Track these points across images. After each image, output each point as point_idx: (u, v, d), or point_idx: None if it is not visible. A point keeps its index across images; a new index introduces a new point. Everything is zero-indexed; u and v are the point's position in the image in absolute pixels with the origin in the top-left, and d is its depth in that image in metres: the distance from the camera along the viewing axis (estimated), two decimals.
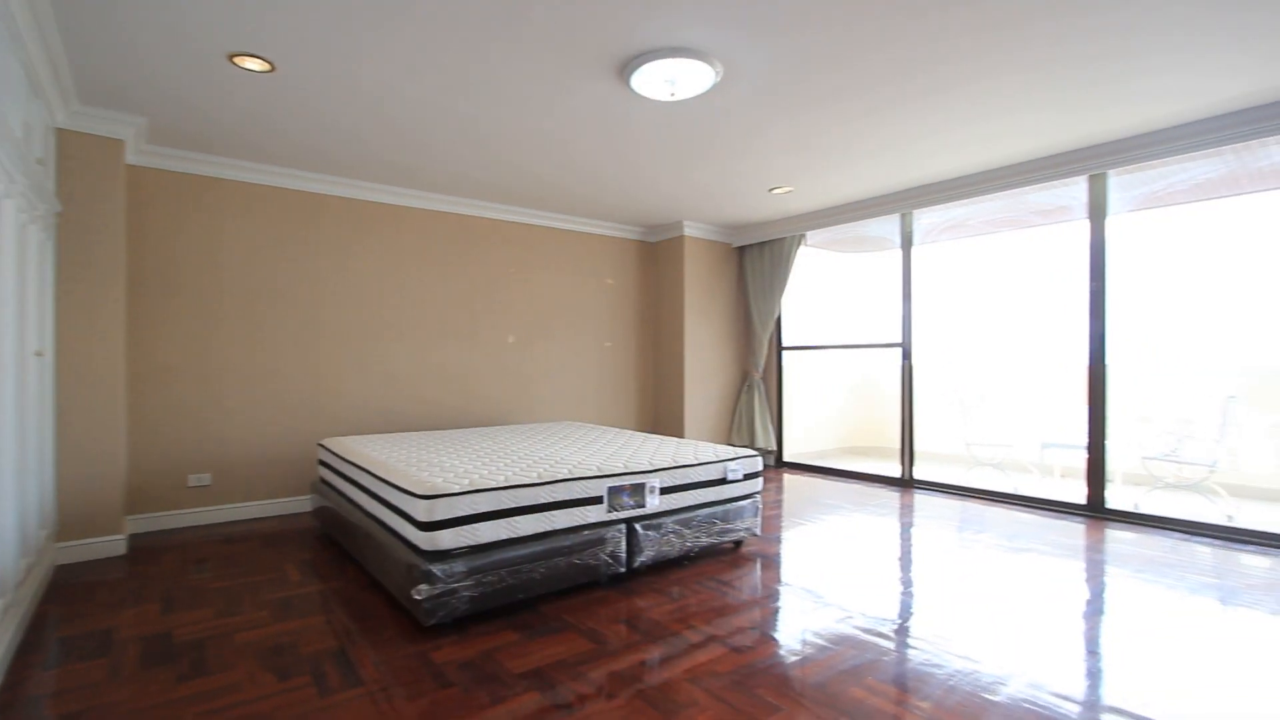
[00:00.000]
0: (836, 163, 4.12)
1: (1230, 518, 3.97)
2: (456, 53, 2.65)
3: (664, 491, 3.06)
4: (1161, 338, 5.41)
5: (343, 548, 3.41)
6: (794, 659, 2.17)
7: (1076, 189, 4.12)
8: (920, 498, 4.72)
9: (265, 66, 2.75)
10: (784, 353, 6.19)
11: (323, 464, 3.76)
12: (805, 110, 3.26)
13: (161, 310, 3.86)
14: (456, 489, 2.45)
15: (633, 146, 3.78)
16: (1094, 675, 2.07)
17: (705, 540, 3.19)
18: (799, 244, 5.72)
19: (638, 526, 2.93)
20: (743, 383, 6.28)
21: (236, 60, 2.69)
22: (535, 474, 2.74)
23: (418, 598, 2.31)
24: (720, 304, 6.20)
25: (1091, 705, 1.88)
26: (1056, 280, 5.81)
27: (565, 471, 2.82)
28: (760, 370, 6.10)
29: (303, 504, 4.34)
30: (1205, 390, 5.00)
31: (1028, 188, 4.23)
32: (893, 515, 4.21)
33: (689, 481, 3.16)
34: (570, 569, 2.70)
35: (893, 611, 2.60)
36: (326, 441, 3.75)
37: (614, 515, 2.86)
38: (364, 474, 3.02)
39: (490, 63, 2.73)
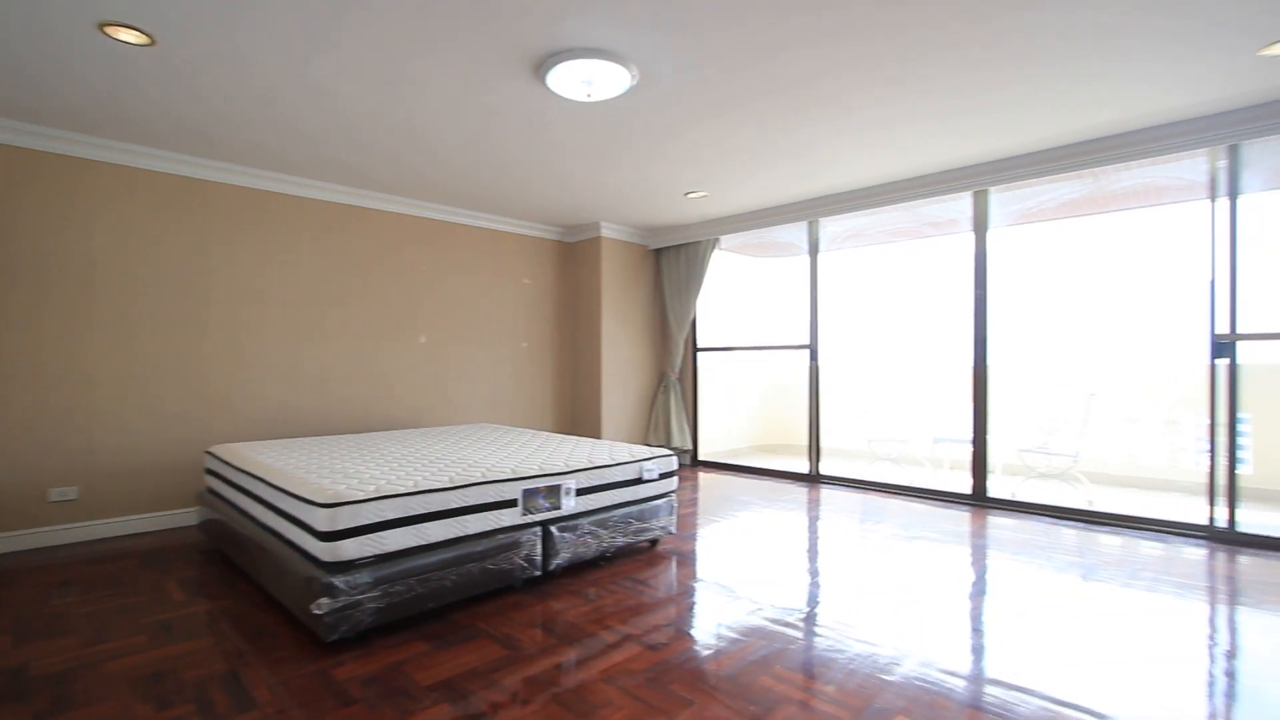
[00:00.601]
0: (747, 170, 4.26)
1: (1090, 502, 4.42)
2: (362, 38, 2.53)
3: (580, 492, 3.05)
4: (1035, 341, 5.97)
5: (234, 563, 3.17)
6: (707, 653, 2.23)
7: (963, 203, 4.47)
8: (826, 492, 4.96)
9: (143, 39, 2.51)
10: (699, 354, 6.33)
11: (211, 473, 3.48)
12: (716, 117, 3.35)
13: (27, 304, 3.44)
14: (361, 495, 2.34)
15: (550, 146, 3.75)
16: (977, 651, 2.25)
17: (622, 540, 3.21)
18: (713, 248, 5.86)
19: (553, 529, 2.91)
20: (659, 383, 6.37)
21: (109, 30, 2.45)
22: (447, 478, 2.66)
23: (318, 612, 2.18)
24: (637, 305, 6.26)
25: (975, 679, 2.04)
26: (946, 287, 6.27)
27: (479, 475, 2.75)
28: (676, 371, 6.21)
29: (188, 517, 4.00)
30: (1071, 388, 5.55)
31: (920, 201, 4.55)
32: (801, 510, 4.40)
33: (605, 482, 3.17)
34: (484, 575, 2.64)
35: (800, 601, 2.72)
36: (215, 449, 3.47)
37: (529, 518, 2.82)
38: (258, 483, 2.82)
39: (400, 52, 2.63)
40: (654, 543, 3.55)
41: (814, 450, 5.41)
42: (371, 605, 2.29)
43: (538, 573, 2.85)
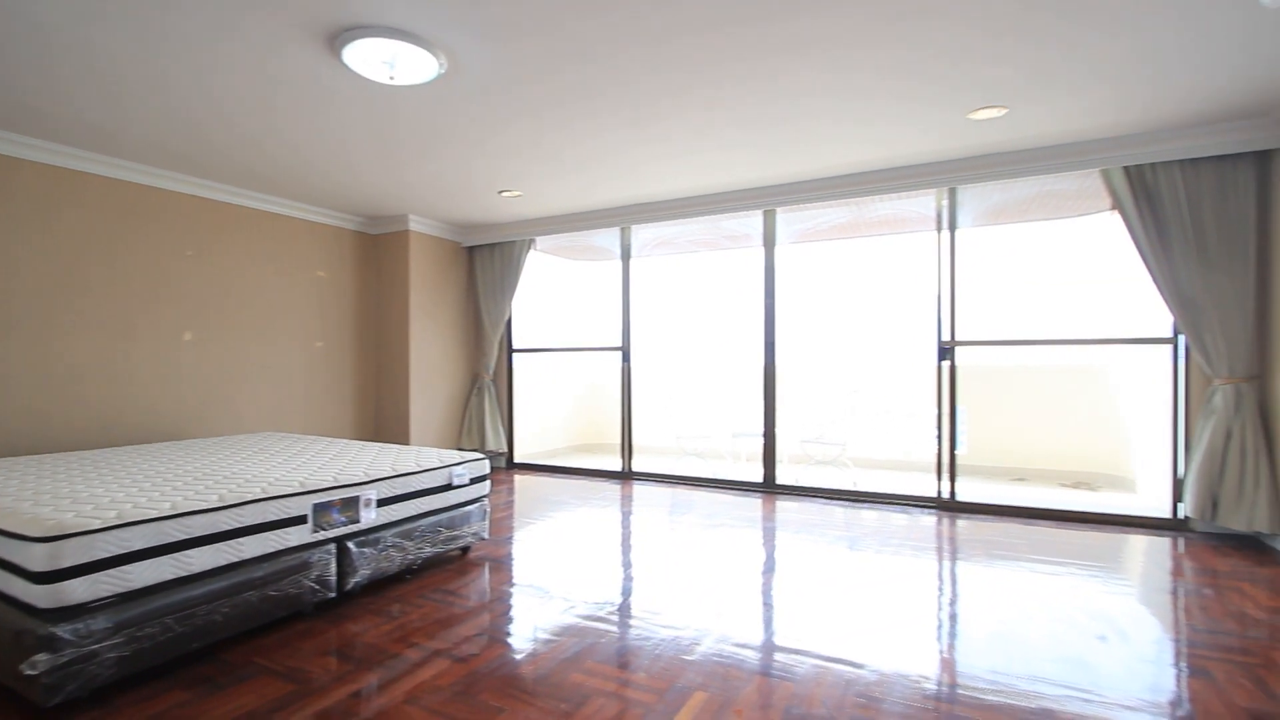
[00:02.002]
0: (561, 173, 4.30)
1: (855, 483, 5.15)
2: None
3: (382, 503, 2.84)
4: (815, 344, 6.81)
5: None
6: (520, 657, 2.20)
7: (755, 221, 4.96)
8: (639, 488, 5.18)
9: None
10: (515, 355, 6.24)
11: None
12: (531, 117, 3.33)
13: None
14: (97, 524, 1.94)
15: (348, 127, 3.44)
16: (765, 622, 2.50)
17: (430, 550, 3.05)
18: (529, 248, 5.82)
19: (351, 544, 2.67)
20: (473, 385, 6.16)
21: None
22: (216, 496, 2.31)
23: (32, 673, 1.76)
24: (449, 304, 5.99)
25: (763, 647, 2.27)
26: (743, 295, 6.89)
27: (259, 490, 2.43)
28: (491, 372, 6.06)
29: None
30: (840, 386, 6.42)
31: (719, 215, 4.95)
32: (614, 507, 4.54)
33: (411, 490, 2.99)
34: (265, 603, 2.34)
35: (613, 595, 2.80)
36: None
37: (321, 535, 2.56)
38: None
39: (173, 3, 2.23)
40: (466, 550, 3.42)
41: (627, 448, 5.62)
42: (112, 655, 1.91)
43: (332, 595, 2.59)
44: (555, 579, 3.01)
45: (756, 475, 5.13)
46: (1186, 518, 3.74)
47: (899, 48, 2.62)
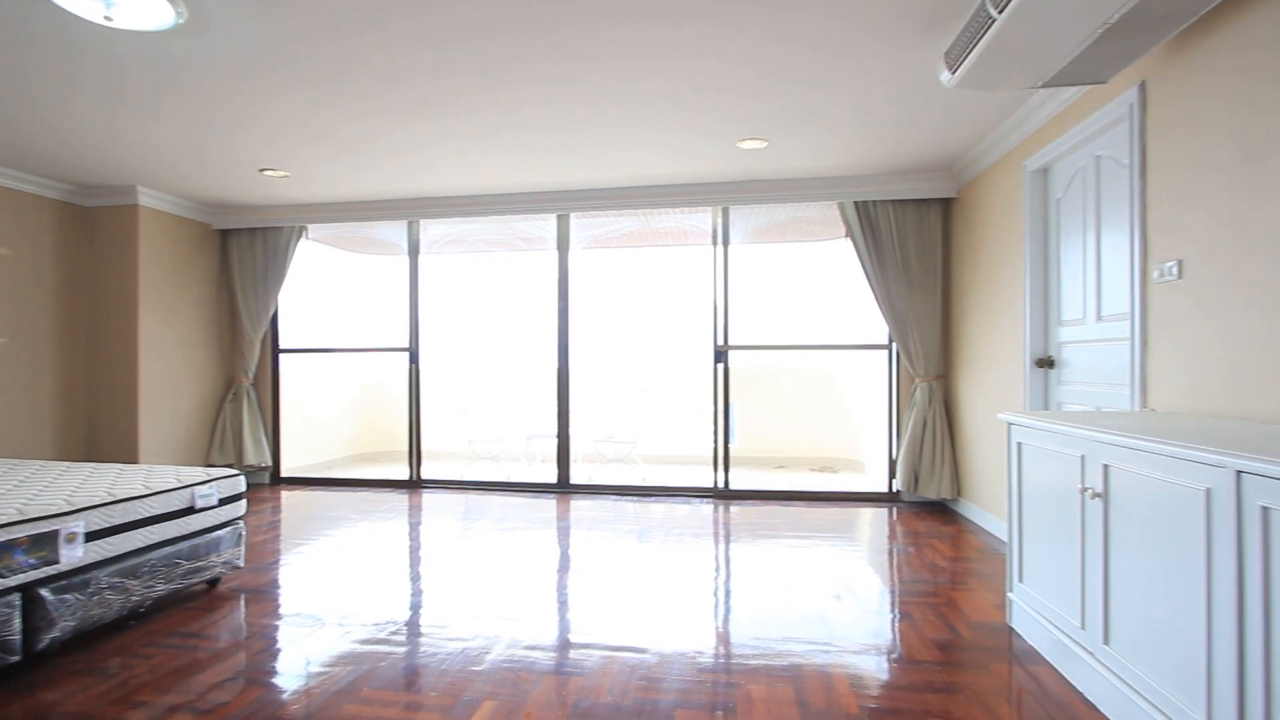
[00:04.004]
0: (339, 157, 3.92)
1: (644, 479, 5.46)
2: None
3: (94, 537, 2.33)
4: (609, 345, 7.07)
5: None
6: (285, 697, 1.96)
7: (549, 224, 5.01)
8: (428, 496, 4.91)
9: None
10: (282, 355, 5.52)
11: None
12: (302, 91, 2.99)
13: None
14: None
15: (45, 70, 2.76)
16: (561, 621, 2.54)
17: (164, 588, 2.57)
18: (299, 236, 5.21)
19: (45, 592, 2.15)
20: (228, 391, 5.33)
21: None
22: None
23: None
24: (196, 295, 5.11)
25: (555, 646, 2.30)
26: (538, 297, 6.91)
27: None
28: (251, 376, 5.29)
29: None
30: (631, 386, 6.76)
31: (513, 217, 4.92)
32: (401, 518, 4.26)
33: (137, 518, 2.49)
34: None
35: (398, 613, 2.62)
36: None
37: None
38: None
39: None
40: (214, 583, 2.95)
41: (415, 455, 5.30)
42: None
43: (15, 658, 2.06)
44: (330, 604, 2.73)
45: (551, 476, 5.18)
46: (898, 491, 4.59)
47: (675, 79, 2.85)
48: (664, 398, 6.88)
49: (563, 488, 5.06)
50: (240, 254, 5.25)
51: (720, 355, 4.83)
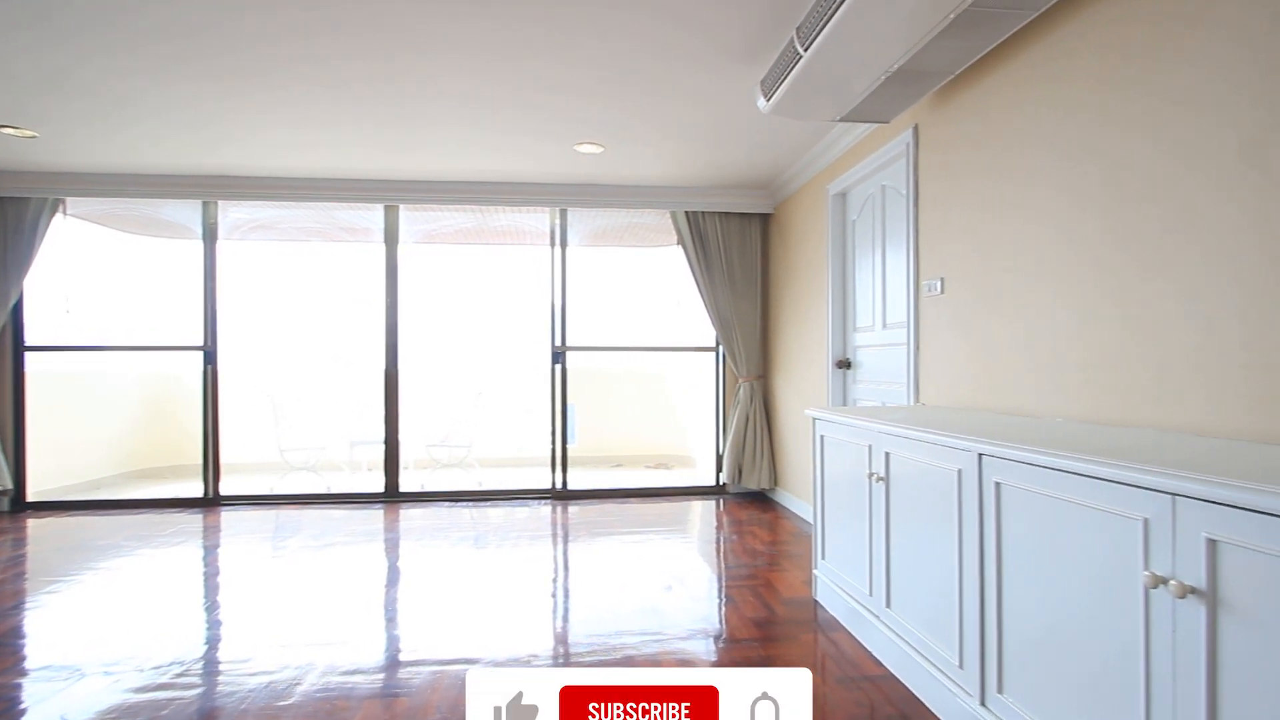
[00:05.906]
0: (105, 117, 3.32)
1: (480, 483, 5.31)
2: None
3: None
4: (440, 347, 6.76)
5: None
6: None
7: (376, 215, 4.67)
8: (229, 515, 4.34)
9: None
10: (28, 354, 4.55)
11: None
12: (39, 27, 2.50)
13: None
14: None
15: None
16: (390, 638, 2.38)
17: None
18: (54, 211, 4.33)
19: None
20: None
21: None
22: None
23: None
24: None
25: (377, 668, 2.15)
26: (362, 293, 6.41)
27: None
28: None
29: None
30: (466, 388, 6.53)
31: (336, 204, 4.52)
32: (193, 541, 3.72)
33: None
34: None
35: (188, 652, 2.28)
36: None
37: None
38: None
39: None
40: None
41: (211, 469, 4.65)
42: None
43: None
44: (95, 650, 2.31)
45: (378, 485, 4.84)
46: (724, 484, 4.93)
47: (515, 80, 2.81)
48: (501, 399, 6.74)
49: (392, 497, 4.75)
50: None
51: (558, 356, 4.84)
